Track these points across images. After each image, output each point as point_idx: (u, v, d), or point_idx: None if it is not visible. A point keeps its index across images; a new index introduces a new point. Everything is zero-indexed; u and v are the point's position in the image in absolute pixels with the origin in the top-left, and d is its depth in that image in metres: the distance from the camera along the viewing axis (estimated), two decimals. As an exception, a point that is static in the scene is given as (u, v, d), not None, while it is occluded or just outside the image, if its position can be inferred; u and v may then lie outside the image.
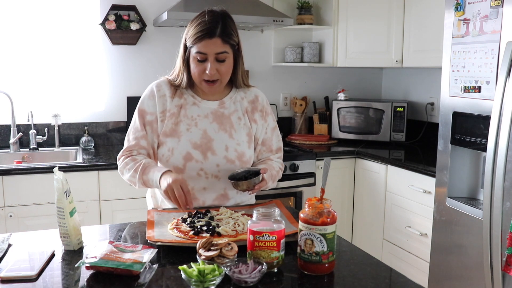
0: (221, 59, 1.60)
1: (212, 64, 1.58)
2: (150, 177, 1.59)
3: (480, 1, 2.04)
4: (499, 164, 1.89)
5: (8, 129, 3.06)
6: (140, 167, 1.61)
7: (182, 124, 1.67)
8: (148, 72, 3.34)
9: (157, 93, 1.69)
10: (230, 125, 1.71)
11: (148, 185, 1.63)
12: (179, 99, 1.70)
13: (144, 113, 1.69)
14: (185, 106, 1.69)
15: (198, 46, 1.58)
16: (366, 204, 3.20)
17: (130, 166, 1.65)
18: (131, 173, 1.64)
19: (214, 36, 1.56)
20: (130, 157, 1.67)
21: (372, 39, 3.37)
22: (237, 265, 1.16)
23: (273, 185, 1.76)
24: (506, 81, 1.88)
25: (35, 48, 3.13)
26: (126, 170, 1.66)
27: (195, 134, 1.67)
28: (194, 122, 1.68)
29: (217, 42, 1.57)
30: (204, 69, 1.60)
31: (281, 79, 3.77)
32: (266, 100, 1.82)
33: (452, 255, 2.28)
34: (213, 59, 1.58)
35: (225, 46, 1.59)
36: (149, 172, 1.60)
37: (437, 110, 3.36)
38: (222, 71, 1.61)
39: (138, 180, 1.63)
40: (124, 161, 1.68)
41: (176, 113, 1.68)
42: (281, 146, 1.85)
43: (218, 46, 1.57)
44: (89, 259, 1.17)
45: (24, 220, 2.58)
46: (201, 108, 1.70)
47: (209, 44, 1.57)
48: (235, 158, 1.68)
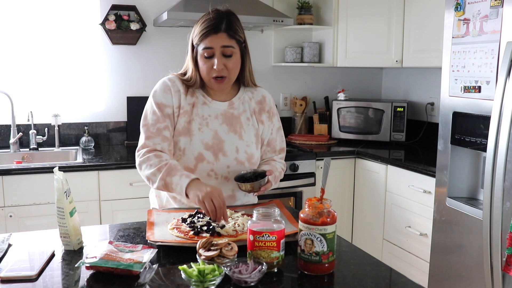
0: (228, 54, 1.61)
1: (219, 58, 1.60)
2: (176, 180, 1.51)
3: (480, 1, 2.04)
4: (499, 164, 1.89)
5: (8, 129, 3.06)
6: (166, 167, 1.54)
7: (194, 122, 1.67)
8: (148, 72, 3.34)
9: (173, 87, 1.67)
10: (240, 125, 1.71)
11: (168, 188, 1.55)
12: (191, 97, 1.69)
13: (162, 106, 1.65)
14: (196, 105, 1.69)
15: (204, 42, 1.60)
16: (366, 204, 3.20)
17: (153, 162, 1.58)
18: (152, 170, 1.57)
19: (220, 31, 1.59)
20: (154, 153, 1.60)
21: (372, 39, 3.37)
22: (237, 265, 1.16)
23: (275, 186, 1.76)
24: (506, 81, 1.88)
25: (35, 48, 3.13)
26: (147, 166, 1.59)
27: (206, 135, 1.66)
28: (205, 122, 1.68)
29: (223, 36, 1.59)
30: (212, 65, 1.61)
31: (281, 79, 3.77)
32: (272, 100, 1.84)
33: (452, 255, 2.28)
34: (220, 53, 1.60)
35: (231, 41, 1.60)
36: (175, 175, 1.52)
37: (437, 110, 3.36)
38: (229, 66, 1.62)
39: (160, 180, 1.54)
40: (147, 155, 1.60)
41: (189, 111, 1.67)
42: (284, 147, 1.86)
43: (224, 40, 1.59)
44: (89, 259, 1.17)
45: (24, 220, 2.58)
46: (211, 109, 1.70)
47: (215, 38, 1.59)
48: (245, 160, 1.69)
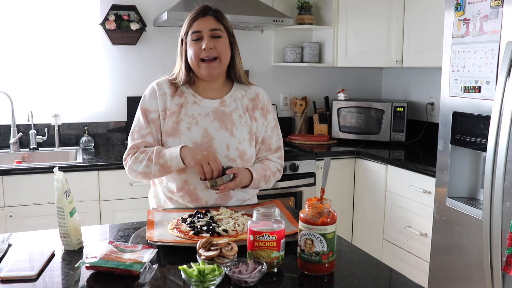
0: (216, 35, 1.65)
1: (207, 39, 1.64)
2: (168, 156, 1.57)
3: (480, 1, 2.04)
4: (499, 164, 1.89)
5: (8, 129, 3.06)
6: (154, 153, 1.60)
7: (183, 123, 1.67)
8: (148, 72, 3.34)
9: (158, 91, 1.70)
10: (231, 123, 1.70)
11: (165, 168, 1.59)
12: (180, 98, 1.70)
13: (147, 111, 1.69)
14: (185, 105, 1.69)
15: (193, 27, 1.65)
16: (366, 204, 3.20)
17: (141, 157, 1.63)
18: (144, 162, 1.61)
19: (207, 14, 1.66)
20: (138, 152, 1.65)
21: (372, 39, 3.37)
22: (237, 265, 1.16)
23: (266, 186, 1.74)
24: (506, 81, 1.88)
25: (35, 48, 3.13)
26: (137, 164, 1.63)
27: (196, 133, 1.66)
28: (195, 120, 1.68)
29: (210, 19, 1.66)
30: (200, 47, 1.63)
31: (281, 79, 3.77)
32: (267, 98, 1.82)
33: (452, 255, 2.28)
34: (208, 36, 1.64)
35: (218, 24, 1.66)
36: (165, 154, 1.58)
37: (437, 110, 3.36)
38: (219, 48, 1.65)
39: (155, 165, 1.59)
40: (133, 156, 1.65)
41: (176, 111, 1.68)
42: (281, 146, 1.83)
43: (211, 23, 1.65)
44: (89, 259, 1.17)
45: (24, 220, 2.58)
46: (202, 107, 1.70)
47: (203, 21, 1.65)
48: (237, 157, 1.68)
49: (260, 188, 1.76)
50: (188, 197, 1.68)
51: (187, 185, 1.67)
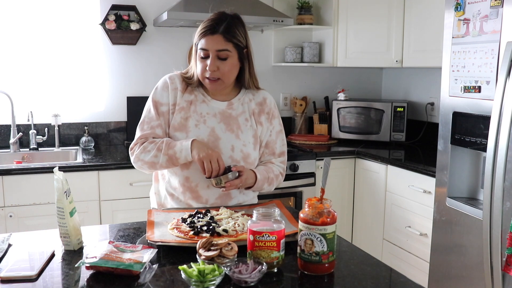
0: (222, 57, 1.61)
1: (212, 60, 1.60)
2: (178, 148, 1.59)
3: (480, 1, 2.04)
4: (499, 164, 1.89)
5: (8, 129, 3.06)
6: (164, 144, 1.61)
7: (191, 119, 1.68)
8: (148, 72, 3.34)
9: (171, 85, 1.71)
10: (237, 126, 1.71)
11: (173, 160, 1.60)
12: (190, 95, 1.71)
13: (158, 104, 1.70)
14: (195, 102, 1.70)
15: (201, 42, 1.61)
16: (366, 204, 3.20)
17: (150, 147, 1.64)
18: (153, 152, 1.62)
19: (216, 32, 1.59)
20: (147, 142, 1.66)
21: (372, 39, 3.37)
22: (237, 265, 1.16)
23: (269, 188, 1.75)
24: (506, 81, 1.88)
25: (35, 48, 3.13)
26: (145, 153, 1.64)
27: (203, 131, 1.67)
28: (203, 119, 1.69)
29: (219, 38, 1.59)
30: (206, 66, 1.62)
31: (281, 79, 3.77)
32: (274, 103, 1.83)
33: (452, 255, 2.28)
34: (214, 56, 1.60)
35: (226, 44, 1.60)
36: (175, 146, 1.60)
37: (437, 110, 3.36)
38: (223, 70, 1.62)
39: (163, 156, 1.60)
40: (142, 146, 1.66)
41: (185, 107, 1.69)
42: (285, 151, 1.83)
43: (219, 43, 1.59)
44: (89, 259, 1.17)
45: (24, 220, 2.58)
46: (210, 107, 1.71)
47: (210, 40, 1.59)
48: (240, 159, 1.69)
49: (263, 191, 1.76)
50: (190, 194, 1.69)
51: (189, 182, 1.68)
